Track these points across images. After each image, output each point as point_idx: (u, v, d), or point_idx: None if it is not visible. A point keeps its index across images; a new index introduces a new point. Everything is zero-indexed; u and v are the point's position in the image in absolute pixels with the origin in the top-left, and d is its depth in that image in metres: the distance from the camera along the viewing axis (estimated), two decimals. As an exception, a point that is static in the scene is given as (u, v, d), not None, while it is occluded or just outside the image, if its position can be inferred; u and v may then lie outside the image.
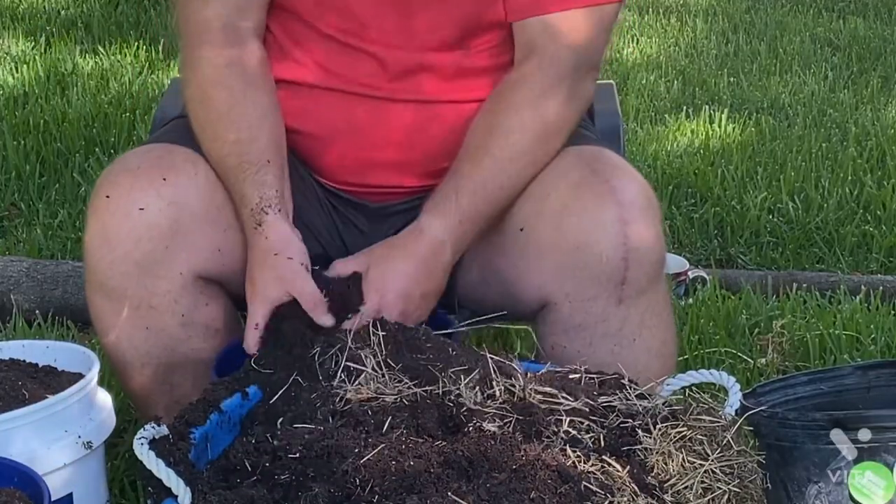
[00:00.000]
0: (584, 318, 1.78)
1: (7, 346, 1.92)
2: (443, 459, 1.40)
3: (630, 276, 1.76)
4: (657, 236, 1.79)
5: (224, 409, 1.57)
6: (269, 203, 1.75)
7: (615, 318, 1.78)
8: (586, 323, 1.78)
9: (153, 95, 4.22)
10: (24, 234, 3.27)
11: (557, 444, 1.46)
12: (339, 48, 1.85)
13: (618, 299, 1.77)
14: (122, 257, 1.76)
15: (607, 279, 1.76)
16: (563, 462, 1.40)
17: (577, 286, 1.76)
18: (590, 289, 1.76)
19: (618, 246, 1.74)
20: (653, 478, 1.42)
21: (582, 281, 1.76)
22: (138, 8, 5.51)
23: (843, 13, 6.22)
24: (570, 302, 1.78)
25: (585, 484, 1.37)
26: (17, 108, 4.09)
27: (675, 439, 1.47)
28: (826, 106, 4.58)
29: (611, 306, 1.77)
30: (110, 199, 1.77)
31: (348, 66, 1.85)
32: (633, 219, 1.75)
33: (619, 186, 1.76)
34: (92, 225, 1.79)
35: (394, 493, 1.36)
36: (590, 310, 1.77)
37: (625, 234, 1.74)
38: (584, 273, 1.76)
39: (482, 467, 1.39)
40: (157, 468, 1.42)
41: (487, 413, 1.49)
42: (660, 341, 1.83)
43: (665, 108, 4.51)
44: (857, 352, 2.52)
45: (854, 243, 3.37)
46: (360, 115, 1.86)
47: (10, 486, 1.59)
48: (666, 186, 3.64)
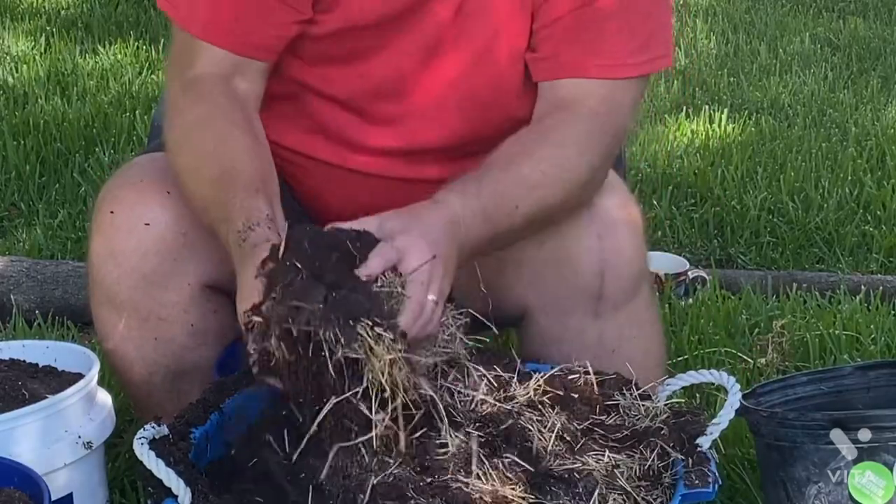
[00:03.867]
0: (562, 331, 1.79)
1: (7, 346, 1.92)
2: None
3: (606, 291, 1.77)
4: (636, 250, 1.79)
5: (224, 408, 1.57)
6: (257, 222, 1.54)
7: (592, 331, 1.79)
8: (563, 336, 1.79)
9: (153, 95, 4.22)
10: (24, 234, 3.27)
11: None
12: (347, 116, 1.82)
13: (594, 313, 1.78)
14: (129, 272, 1.75)
15: (583, 293, 1.77)
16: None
17: (554, 300, 1.78)
18: (566, 302, 1.78)
19: (594, 261, 1.75)
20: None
21: (559, 294, 1.77)
22: (138, 8, 5.51)
23: (843, 13, 6.21)
24: (548, 315, 1.79)
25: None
26: (17, 108, 4.09)
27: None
28: (826, 106, 4.57)
29: (587, 319, 1.78)
30: (115, 214, 1.76)
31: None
32: (610, 234, 1.75)
33: (598, 201, 1.76)
34: (97, 241, 1.78)
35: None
36: (567, 323, 1.79)
37: (601, 249, 1.75)
38: (560, 287, 1.77)
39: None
40: (157, 468, 1.42)
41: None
42: (641, 352, 1.83)
43: (665, 108, 4.51)
44: (857, 352, 2.52)
45: (854, 243, 3.36)
46: (363, 195, 1.83)
47: (10, 486, 1.59)
48: (666, 186, 3.63)
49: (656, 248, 3.16)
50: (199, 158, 1.68)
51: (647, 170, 3.79)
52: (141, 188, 1.77)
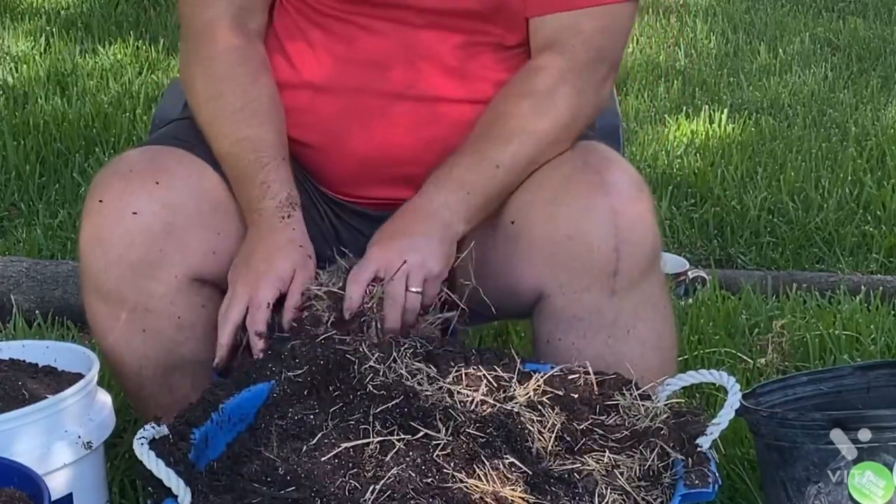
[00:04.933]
0: (578, 309, 1.77)
1: (7, 346, 1.92)
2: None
3: (622, 267, 1.75)
4: (650, 226, 1.78)
5: (225, 408, 1.57)
6: (296, 200, 1.78)
7: (609, 310, 1.77)
8: (580, 314, 1.77)
9: (153, 95, 4.23)
10: (24, 234, 3.28)
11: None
12: (342, 29, 1.86)
13: (610, 290, 1.76)
14: (115, 260, 1.76)
15: (599, 270, 1.75)
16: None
17: (570, 277, 1.76)
18: (582, 279, 1.76)
19: (609, 236, 1.74)
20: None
21: (574, 272, 1.76)
22: (138, 7, 5.52)
23: (843, 13, 6.22)
24: (564, 293, 1.77)
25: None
26: (17, 108, 4.09)
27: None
28: (826, 106, 4.58)
29: (604, 297, 1.76)
30: (103, 202, 1.77)
31: (351, 51, 1.86)
32: (624, 209, 1.74)
33: (610, 177, 1.76)
34: (86, 228, 1.79)
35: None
36: (583, 301, 1.77)
37: (616, 225, 1.74)
38: (576, 264, 1.75)
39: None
40: (157, 468, 1.42)
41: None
42: (656, 333, 1.82)
43: (665, 109, 4.51)
44: (857, 352, 2.52)
45: (854, 243, 3.37)
46: (362, 117, 1.86)
47: (10, 486, 1.59)
48: (666, 186, 3.64)
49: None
50: (227, 116, 1.83)
51: (647, 170, 3.79)
52: (130, 178, 1.78)
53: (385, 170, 1.88)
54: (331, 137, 1.88)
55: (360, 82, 1.86)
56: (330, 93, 1.87)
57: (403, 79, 1.85)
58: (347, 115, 1.87)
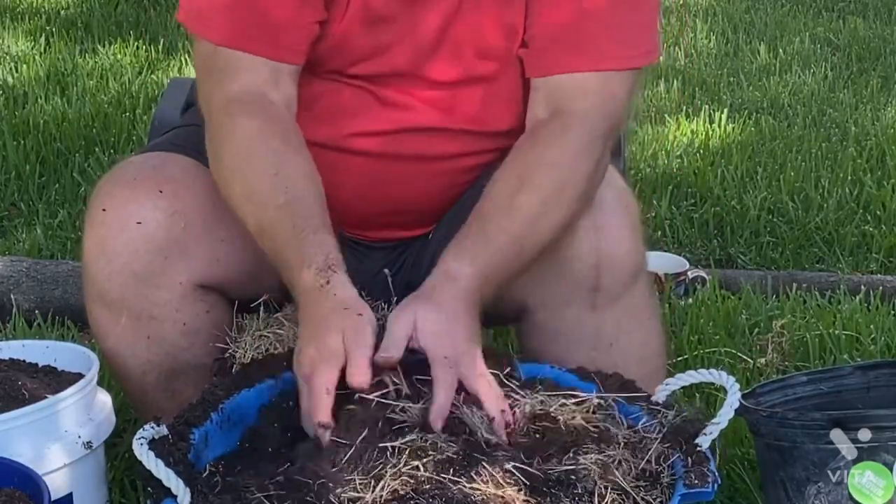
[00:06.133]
0: (559, 324, 1.79)
1: (7, 346, 1.92)
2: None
3: (603, 283, 1.76)
4: (632, 242, 1.78)
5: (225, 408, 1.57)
6: (336, 262, 1.59)
7: (590, 324, 1.79)
8: (561, 329, 1.79)
9: (153, 95, 4.22)
10: (24, 234, 3.27)
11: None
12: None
13: (591, 305, 1.78)
14: (119, 269, 1.76)
15: (580, 286, 1.76)
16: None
17: (551, 292, 1.77)
18: (563, 295, 1.77)
19: (590, 253, 1.75)
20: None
21: (556, 287, 1.77)
22: (138, 8, 5.52)
23: (843, 13, 6.21)
24: (545, 308, 1.79)
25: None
26: (17, 108, 4.09)
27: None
28: (826, 106, 4.58)
29: (585, 312, 1.78)
30: (107, 212, 1.76)
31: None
32: (606, 225, 1.75)
33: (594, 194, 1.76)
34: (90, 237, 1.78)
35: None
36: (564, 316, 1.78)
37: (598, 241, 1.75)
38: (557, 279, 1.76)
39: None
40: (156, 468, 1.42)
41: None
42: (639, 345, 1.83)
43: (665, 108, 4.51)
44: (857, 352, 2.52)
45: (854, 243, 3.37)
46: (362, 176, 1.84)
47: (10, 486, 1.59)
48: (666, 186, 3.63)
49: (656, 248, 3.17)
50: (260, 186, 1.68)
51: (647, 170, 3.79)
52: (134, 186, 1.77)
53: (383, 220, 1.88)
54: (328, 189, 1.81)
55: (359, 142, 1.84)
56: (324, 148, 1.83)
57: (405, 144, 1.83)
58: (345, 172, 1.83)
